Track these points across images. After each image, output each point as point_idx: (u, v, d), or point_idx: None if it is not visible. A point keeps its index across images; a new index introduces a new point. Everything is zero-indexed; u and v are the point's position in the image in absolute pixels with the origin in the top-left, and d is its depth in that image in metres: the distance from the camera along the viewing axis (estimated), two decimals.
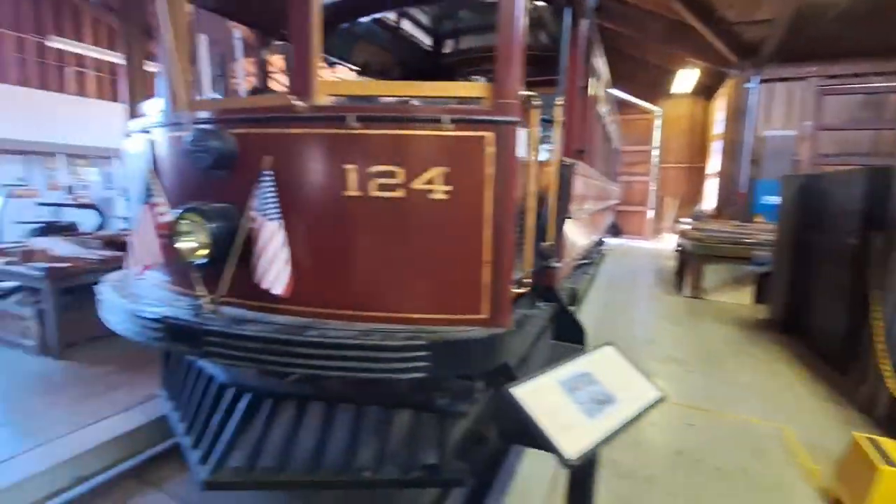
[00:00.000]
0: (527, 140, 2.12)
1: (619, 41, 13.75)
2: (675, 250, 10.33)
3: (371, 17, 4.91)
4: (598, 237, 8.19)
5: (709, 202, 14.48)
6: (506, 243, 2.04)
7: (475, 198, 1.99)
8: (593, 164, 5.09)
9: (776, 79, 11.36)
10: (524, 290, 2.26)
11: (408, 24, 5.77)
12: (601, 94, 5.42)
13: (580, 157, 3.73)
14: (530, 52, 4.86)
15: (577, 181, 3.67)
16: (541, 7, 4.63)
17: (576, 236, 4.39)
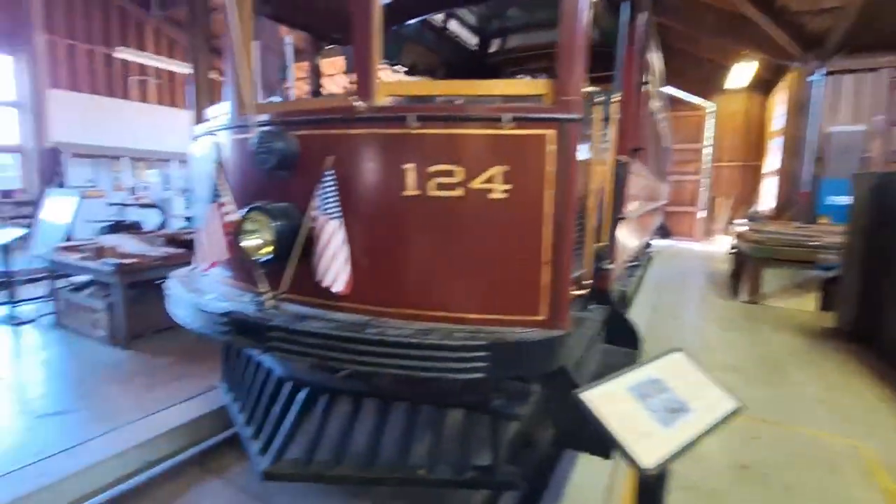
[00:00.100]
0: (589, 137, 2.06)
1: (669, 36, 13.23)
2: (729, 253, 9.83)
3: (420, 18, 4.95)
4: (647, 239, 7.91)
5: (765, 202, 13.70)
6: (565, 243, 1.99)
7: (535, 197, 1.96)
8: (647, 162, 4.92)
9: (843, 71, 10.60)
10: (583, 291, 2.21)
11: (454, 25, 5.78)
12: (655, 91, 5.24)
13: (635, 155, 3.62)
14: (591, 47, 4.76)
15: (631, 181, 3.56)
16: (597, 1, 4.53)
17: (627, 237, 4.26)
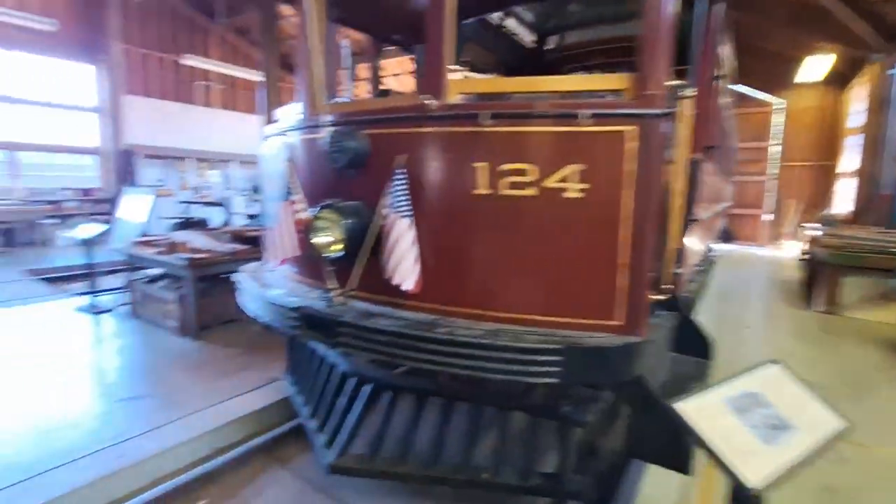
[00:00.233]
0: (673, 134, 1.95)
1: (734, 28, 12.51)
2: (799, 259, 9.18)
3: (479, 17, 4.91)
4: (710, 243, 7.52)
5: (840, 205, 12.68)
6: (644, 246, 1.89)
7: (613, 197, 1.88)
8: (716, 162, 4.65)
9: None
10: (663, 297, 2.10)
11: (511, 23, 5.70)
12: (725, 86, 4.95)
13: (709, 154, 3.42)
14: None
15: (704, 181, 3.36)
16: None
17: (695, 241, 4.04)
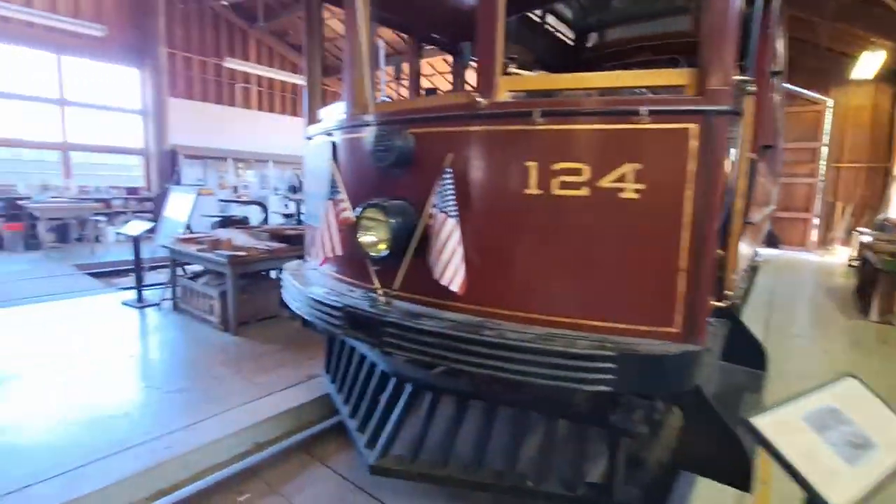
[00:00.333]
0: (739, 132, 1.85)
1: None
2: (850, 265, 8.70)
3: (519, 14, 4.85)
4: (757, 247, 7.20)
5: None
6: (706, 249, 1.80)
7: (673, 197, 1.79)
8: (768, 163, 4.44)
9: None
10: (724, 303, 2.00)
11: (551, 20, 5.61)
12: (779, 83, 4.72)
13: (762, 154, 3.26)
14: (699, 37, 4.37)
15: (760, 182, 3.21)
16: None
17: (745, 245, 3.86)
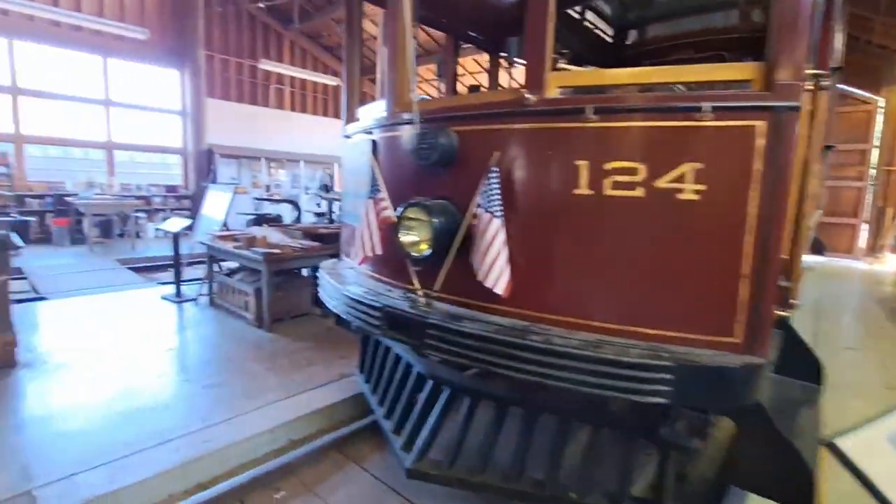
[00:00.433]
0: (811, 130, 1.73)
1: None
2: None
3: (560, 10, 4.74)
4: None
5: None
6: (772, 254, 1.68)
7: (736, 199, 1.68)
8: (824, 164, 4.21)
9: None
10: (789, 312, 1.87)
11: (591, 16, 5.47)
12: (836, 81, 4.47)
13: (824, 156, 3.07)
14: (747, 32, 4.17)
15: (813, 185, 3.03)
16: None
17: None
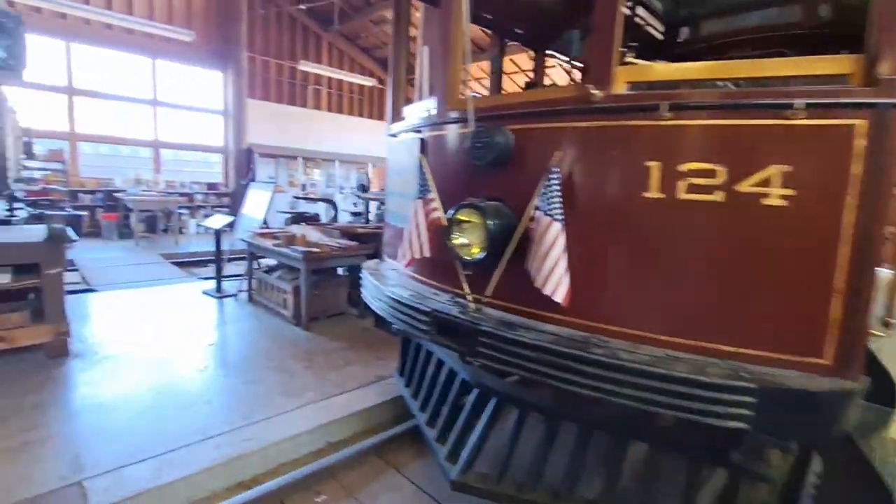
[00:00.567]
0: None
1: None
2: None
3: None
4: None
5: None
6: (869, 268, 1.51)
7: (830, 206, 1.52)
8: None
9: None
10: (887, 333, 1.69)
11: (641, 12, 5.27)
12: None
13: None
14: (809, 28, 3.88)
15: None
16: None
17: None
